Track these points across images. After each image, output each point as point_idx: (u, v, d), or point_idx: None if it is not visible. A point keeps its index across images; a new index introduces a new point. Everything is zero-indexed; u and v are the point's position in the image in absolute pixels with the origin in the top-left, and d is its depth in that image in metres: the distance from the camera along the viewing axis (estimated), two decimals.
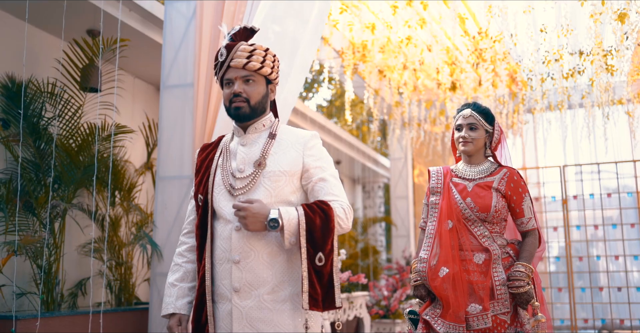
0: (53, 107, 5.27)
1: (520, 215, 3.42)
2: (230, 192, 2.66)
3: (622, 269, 9.28)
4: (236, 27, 2.81)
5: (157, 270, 5.25)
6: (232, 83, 2.71)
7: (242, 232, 2.58)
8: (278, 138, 2.75)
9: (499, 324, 3.24)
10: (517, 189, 3.41)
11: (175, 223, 5.22)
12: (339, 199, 2.65)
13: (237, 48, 2.69)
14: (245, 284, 2.57)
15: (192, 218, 2.86)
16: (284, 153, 2.70)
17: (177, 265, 2.83)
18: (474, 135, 3.48)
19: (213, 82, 5.25)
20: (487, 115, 3.52)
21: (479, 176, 3.48)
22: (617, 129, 9.31)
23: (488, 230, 3.37)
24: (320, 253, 2.52)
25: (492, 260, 3.30)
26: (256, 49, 2.71)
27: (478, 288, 3.25)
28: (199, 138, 5.23)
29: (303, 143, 2.73)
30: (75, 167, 5.09)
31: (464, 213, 3.38)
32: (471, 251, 3.33)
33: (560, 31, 7.17)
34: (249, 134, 2.76)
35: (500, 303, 3.26)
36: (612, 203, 9.45)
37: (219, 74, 2.77)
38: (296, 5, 4.91)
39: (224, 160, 2.76)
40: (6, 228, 4.73)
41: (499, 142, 3.59)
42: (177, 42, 5.53)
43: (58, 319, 4.62)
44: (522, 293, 3.23)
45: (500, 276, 3.29)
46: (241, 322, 2.55)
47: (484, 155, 3.56)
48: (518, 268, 3.27)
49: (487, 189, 3.40)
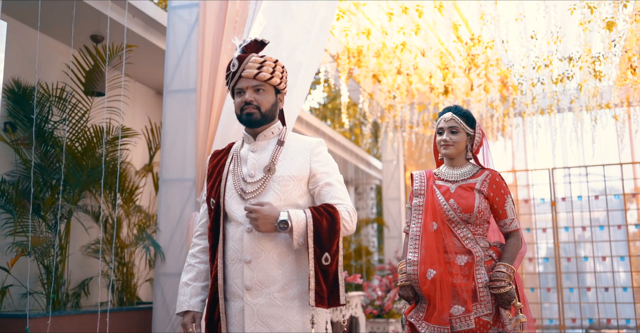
0: (61, 111, 5.41)
1: (503, 216, 3.45)
2: (241, 196, 2.80)
3: (609, 270, 9.46)
4: (247, 40, 2.95)
5: (161, 270, 5.40)
6: (244, 92, 2.85)
7: (253, 234, 2.72)
8: (286, 145, 2.89)
9: (482, 326, 3.27)
10: (499, 191, 3.44)
11: (178, 225, 5.38)
12: (344, 203, 2.80)
13: (249, 59, 2.83)
14: (257, 283, 2.70)
15: (204, 221, 3.00)
16: (292, 159, 2.84)
17: (191, 266, 2.96)
18: (455, 138, 3.50)
19: (215, 87, 5.40)
20: (468, 118, 3.56)
21: (461, 178, 3.51)
22: (604, 133, 9.49)
23: (471, 232, 3.39)
24: (327, 253, 2.68)
25: (475, 262, 3.32)
26: (266, 61, 2.85)
27: (461, 290, 3.28)
28: (202, 141, 5.38)
29: (310, 150, 2.88)
30: (80, 170, 5.23)
31: (447, 214, 3.40)
32: (454, 254, 3.35)
33: (550, 38, 7.37)
34: (259, 141, 2.90)
35: (483, 305, 3.29)
36: (600, 205, 9.69)
37: (231, 83, 2.89)
38: (298, 15, 5.06)
39: (235, 166, 2.90)
40: (15, 229, 4.86)
41: (480, 144, 3.62)
42: (179, 48, 5.69)
43: (67, 318, 4.77)
44: (503, 294, 3.26)
45: (482, 279, 3.32)
46: (252, 319, 2.69)
47: (465, 158, 3.58)
48: (500, 269, 3.31)
49: (469, 191, 3.43)
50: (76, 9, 5.55)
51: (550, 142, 10.05)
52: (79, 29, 5.87)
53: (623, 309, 9.44)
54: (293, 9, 5.01)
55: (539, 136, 9.88)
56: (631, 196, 9.81)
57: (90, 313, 4.97)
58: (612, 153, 9.90)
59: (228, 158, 2.98)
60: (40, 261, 5.09)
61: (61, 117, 5.37)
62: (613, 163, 9.44)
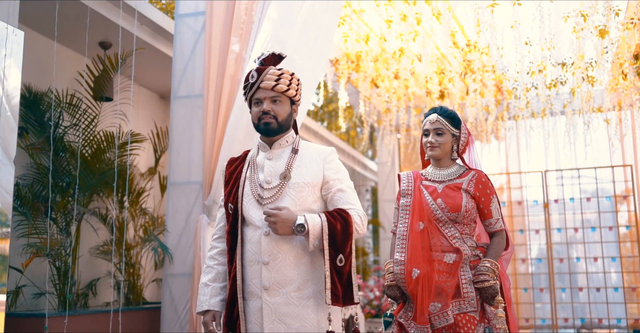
0: (71, 117, 5.59)
1: (489, 215, 3.49)
2: (258, 201, 2.97)
3: (601, 270, 9.63)
4: (265, 53, 3.12)
5: (168, 271, 5.60)
6: (261, 102, 3.01)
7: (270, 237, 2.89)
8: (300, 153, 3.06)
9: (468, 321, 3.30)
10: (485, 191, 3.49)
11: (186, 227, 5.58)
12: (356, 208, 2.99)
13: (267, 72, 3.00)
14: (274, 283, 2.87)
15: (222, 224, 3.16)
16: (306, 167, 3.02)
17: (209, 267, 3.13)
18: (441, 140, 3.53)
19: (222, 93, 5.60)
20: (454, 119, 3.57)
21: (448, 178, 3.55)
22: (596, 136, 9.71)
23: (458, 231, 3.44)
24: (341, 254, 2.86)
25: (462, 260, 3.37)
26: (283, 74, 3.03)
27: (447, 286, 3.32)
28: (209, 145, 5.58)
29: (323, 158, 3.06)
30: (91, 173, 5.41)
31: (435, 213, 3.44)
32: (442, 252, 3.38)
33: (544, 44, 7.60)
34: (274, 149, 3.08)
35: (467, 302, 3.33)
36: (591, 206, 9.89)
37: (249, 94, 3.06)
38: (304, 27, 5.25)
39: (251, 172, 3.07)
40: (29, 231, 5.04)
41: (466, 144, 3.65)
42: (186, 55, 5.88)
43: (81, 317, 4.96)
44: (487, 288, 3.30)
45: (467, 276, 3.36)
46: (270, 317, 2.87)
47: (451, 158, 3.61)
48: (484, 264, 3.36)
49: (456, 191, 3.47)
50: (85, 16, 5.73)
51: (543, 145, 10.29)
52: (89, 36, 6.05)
53: (614, 309, 9.62)
54: (298, 21, 5.22)
55: (532, 139, 10.11)
56: (622, 198, 9.91)
57: (102, 312, 5.16)
58: (603, 155, 10.05)
59: (245, 165, 3.13)
60: (53, 262, 5.27)
61: (72, 122, 5.55)
62: (604, 165, 9.64)
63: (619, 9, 6.71)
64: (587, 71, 7.83)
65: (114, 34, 5.89)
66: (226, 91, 5.57)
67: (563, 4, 6.84)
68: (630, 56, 7.63)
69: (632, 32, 7.05)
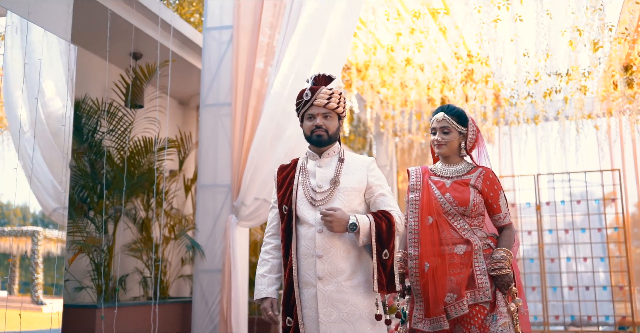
0: (108, 123, 6.10)
1: (497, 210, 3.60)
2: (311, 203, 3.43)
3: (590, 270, 10.12)
4: (317, 73, 3.61)
5: (200, 267, 6.13)
6: (314, 118, 3.49)
7: (323, 234, 3.36)
8: (346, 162, 3.55)
9: (478, 311, 3.43)
10: (493, 187, 3.59)
11: (215, 226, 6.10)
12: (396, 210, 3.48)
13: (320, 91, 3.49)
14: (327, 273, 3.33)
15: (274, 223, 3.63)
16: (352, 174, 3.50)
17: (265, 260, 3.59)
18: (447, 138, 3.64)
19: (249, 101, 6.13)
20: (460, 117, 3.67)
21: (456, 174, 3.67)
22: (586, 142, 10.27)
23: (468, 224, 3.56)
24: (386, 249, 3.35)
25: (474, 251, 3.49)
26: (334, 93, 3.52)
27: (460, 279, 3.45)
28: (237, 151, 6.11)
29: (366, 166, 3.55)
30: (129, 176, 5.92)
31: (444, 207, 3.57)
32: (452, 244, 3.51)
33: (541, 56, 8.22)
34: (324, 158, 3.56)
35: (482, 292, 3.43)
36: (581, 209, 10.33)
37: (302, 109, 3.48)
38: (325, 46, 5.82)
39: (303, 178, 3.53)
40: (74, 230, 5.54)
41: (475, 141, 3.73)
42: (214, 66, 6.41)
43: (126, 308, 5.50)
44: (503, 276, 3.40)
45: (481, 266, 3.48)
46: (324, 302, 3.34)
47: (459, 155, 3.72)
48: (499, 253, 3.47)
49: (464, 186, 3.59)
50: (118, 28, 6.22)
51: (536, 150, 10.86)
52: (121, 47, 6.55)
53: (602, 307, 10.13)
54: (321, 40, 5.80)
55: (526, 143, 10.68)
56: (610, 200, 10.33)
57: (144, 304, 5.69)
58: (592, 160, 10.46)
59: (296, 172, 3.58)
60: (92, 259, 5.78)
61: (108, 128, 6.06)
62: (594, 169, 10.19)
63: (612, 24, 7.35)
64: (580, 81, 8.48)
65: (144, 45, 6.39)
66: (253, 99, 6.10)
67: (561, 20, 7.45)
68: (620, 68, 8.30)
69: (623, 46, 7.70)
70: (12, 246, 5.02)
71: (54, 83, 5.12)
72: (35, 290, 5.13)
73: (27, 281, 5.12)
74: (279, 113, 5.84)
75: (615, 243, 10.39)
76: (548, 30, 7.27)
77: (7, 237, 5.07)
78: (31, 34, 4.90)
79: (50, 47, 5.11)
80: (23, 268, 5.07)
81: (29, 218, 5.22)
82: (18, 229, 5.14)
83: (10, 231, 5.08)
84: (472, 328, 3.41)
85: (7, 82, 4.80)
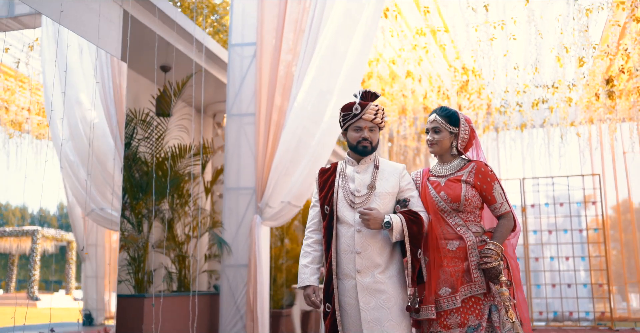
0: (143, 131, 6.83)
1: (493, 201, 3.76)
2: (351, 205, 3.78)
3: (571, 268, 10.95)
4: (364, 90, 4.05)
5: (227, 262, 6.88)
6: (361, 130, 3.82)
7: (361, 233, 3.70)
8: (380, 168, 3.89)
9: (475, 302, 3.62)
10: (485, 179, 3.75)
11: (241, 225, 6.85)
12: (424, 210, 3.96)
13: (369, 107, 3.83)
14: (365, 267, 3.69)
15: (316, 220, 3.96)
16: (387, 180, 3.85)
17: (307, 252, 3.91)
18: (438, 137, 3.85)
19: (272, 112, 6.88)
20: (451, 118, 3.86)
21: (450, 172, 3.87)
22: (569, 148, 11.06)
23: (462, 219, 3.75)
24: (416, 247, 3.77)
25: (468, 246, 3.67)
26: (379, 109, 3.97)
27: (454, 271, 3.65)
28: (261, 157, 6.86)
29: (399, 173, 3.90)
30: (164, 179, 6.66)
31: (439, 205, 3.77)
32: (445, 240, 3.73)
33: (530, 69, 9.09)
34: (361, 164, 3.89)
35: (477, 285, 3.62)
36: (564, 211, 11.11)
37: (350, 121, 3.85)
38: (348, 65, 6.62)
39: (343, 182, 3.88)
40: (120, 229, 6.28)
41: (470, 139, 3.91)
42: (238, 80, 7.16)
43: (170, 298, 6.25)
44: (490, 269, 3.56)
45: (476, 261, 3.65)
46: (363, 292, 3.68)
47: (451, 154, 3.91)
48: (488, 247, 3.62)
49: (457, 182, 3.77)
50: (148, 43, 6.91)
51: (521, 155, 11.66)
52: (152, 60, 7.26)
53: (583, 303, 11.00)
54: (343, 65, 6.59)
55: (512, 149, 11.50)
56: (591, 203, 11.14)
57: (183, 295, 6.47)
58: (574, 165, 11.31)
59: (336, 176, 3.95)
60: (130, 254, 6.52)
61: (144, 136, 6.79)
62: (575, 174, 11.03)
63: (596, 43, 8.23)
64: (565, 93, 9.39)
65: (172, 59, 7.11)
66: (275, 110, 6.86)
67: (550, 38, 8.32)
68: (602, 80, 9.23)
69: (605, 62, 8.60)
70: (12, 245, 5.53)
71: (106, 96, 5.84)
72: (32, 286, 5.60)
73: (24, 278, 5.62)
74: (299, 130, 6.62)
75: (595, 243, 11.21)
76: (537, 47, 8.09)
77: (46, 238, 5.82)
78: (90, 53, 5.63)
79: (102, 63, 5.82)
80: (43, 265, 5.70)
81: (27, 218, 5.63)
82: (48, 230, 5.87)
83: (46, 232, 5.81)
84: (471, 317, 3.60)
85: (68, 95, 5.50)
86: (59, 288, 6.15)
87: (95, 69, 5.71)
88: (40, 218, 5.91)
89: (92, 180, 5.63)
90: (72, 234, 6.17)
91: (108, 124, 5.73)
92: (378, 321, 3.64)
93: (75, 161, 5.69)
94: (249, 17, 7.33)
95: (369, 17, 6.64)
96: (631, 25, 7.60)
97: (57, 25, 5.35)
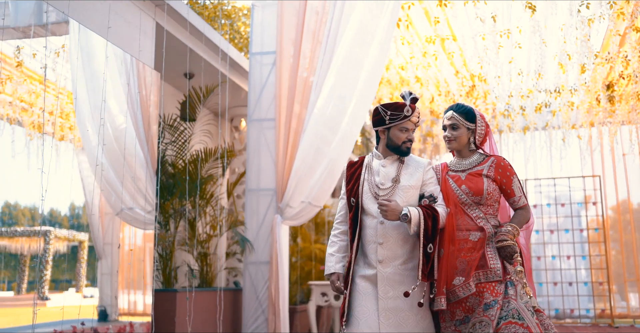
0: (170, 135, 7.29)
1: (512, 194, 3.84)
2: (375, 197, 3.88)
3: (572, 267, 11.32)
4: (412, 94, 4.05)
5: (249, 259, 7.35)
6: (407, 131, 3.89)
7: (384, 225, 3.80)
8: (405, 163, 3.99)
9: (490, 285, 3.64)
10: (505, 173, 3.83)
11: (263, 224, 7.32)
12: (443, 205, 3.86)
13: (417, 110, 3.94)
14: (386, 257, 3.80)
15: (343, 212, 4.09)
16: (411, 174, 3.94)
17: (334, 242, 4.06)
18: (455, 134, 3.91)
19: (291, 119, 7.35)
20: (468, 114, 3.92)
21: (469, 167, 3.93)
22: (570, 150, 11.50)
23: (482, 212, 3.82)
24: (430, 243, 3.73)
25: (486, 237, 3.74)
26: (419, 113, 4.04)
27: (470, 260, 3.70)
28: (281, 161, 7.32)
29: (423, 167, 3.98)
30: (191, 181, 7.12)
31: (460, 198, 3.83)
32: (467, 231, 3.78)
33: (534, 75, 9.57)
34: (387, 159, 3.99)
35: (493, 272, 3.66)
36: (565, 211, 11.53)
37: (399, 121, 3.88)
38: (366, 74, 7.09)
39: (369, 175, 3.98)
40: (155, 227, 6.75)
41: (485, 135, 3.99)
42: (259, 87, 7.63)
43: (197, 293, 6.72)
44: (505, 247, 3.63)
45: (493, 251, 3.73)
46: (383, 281, 3.79)
47: (469, 149, 3.97)
48: (506, 227, 3.72)
49: (478, 177, 3.84)
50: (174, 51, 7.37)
51: (524, 157, 12.11)
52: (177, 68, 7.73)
53: (583, 301, 11.34)
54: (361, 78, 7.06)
55: (514, 151, 11.97)
56: (591, 204, 11.51)
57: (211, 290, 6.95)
58: (575, 167, 11.72)
59: (363, 169, 4.06)
60: (158, 252, 6.99)
61: (170, 140, 7.26)
62: (576, 175, 11.46)
63: (597, 51, 8.71)
64: (567, 98, 9.90)
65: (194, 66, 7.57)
66: (295, 115, 7.32)
67: (554, 46, 8.80)
68: (602, 86, 9.72)
69: (606, 68, 9.08)
70: (23, 246, 5.89)
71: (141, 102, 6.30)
72: (43, 286, 5.93)
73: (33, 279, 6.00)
74: (318, 136, 7.11)
75: (595, 243, 11.55)
76: (541, 54, 8.56)
77: (59, 238, 6.25)
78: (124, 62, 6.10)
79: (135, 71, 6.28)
80: (54, 264, 6.04)
81: (38, 219, 5.73)
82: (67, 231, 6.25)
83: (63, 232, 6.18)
84: (486, 294, 3.62)
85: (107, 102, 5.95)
86: (69, 286, 6.45)
87: (128, 76, 6.15)
88: (51, 219, 6.19)
89: (125, 182, 6.08)
90: (84, 234, 6.52)
91: (143, 129, 6.19)
92: (395, 310, 3.74)
93: (106, 164, 6.08)
94: (268, 26, 7.78)
95: (384, 28, 7.11)
96: (631, 35, 8.05)
97: (88, 32, 5.69)
